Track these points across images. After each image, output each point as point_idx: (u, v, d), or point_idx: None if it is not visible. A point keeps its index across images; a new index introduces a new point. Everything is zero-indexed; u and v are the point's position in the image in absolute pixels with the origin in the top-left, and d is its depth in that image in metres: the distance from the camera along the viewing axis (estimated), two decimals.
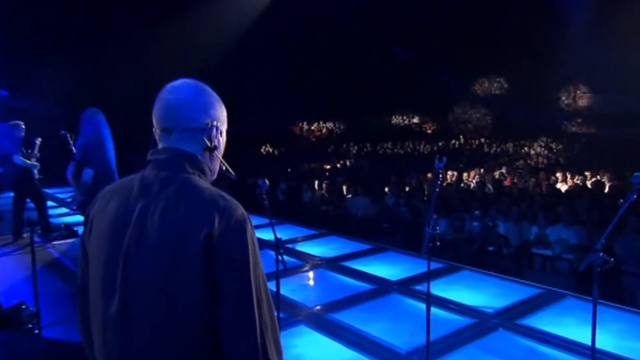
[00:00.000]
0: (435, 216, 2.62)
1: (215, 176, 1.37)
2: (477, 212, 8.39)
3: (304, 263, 6.28)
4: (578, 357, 3.80)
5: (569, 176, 11.26)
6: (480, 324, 4.46)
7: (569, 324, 4.42)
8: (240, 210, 1.24)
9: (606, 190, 9.85)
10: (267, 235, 3.64)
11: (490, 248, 7.44)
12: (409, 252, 6.72)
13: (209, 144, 1.32)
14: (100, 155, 4.35)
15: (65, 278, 5.60)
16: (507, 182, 11.40)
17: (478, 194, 9.63)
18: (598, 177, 11.19)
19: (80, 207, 4.56)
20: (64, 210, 9.47)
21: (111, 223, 1.26)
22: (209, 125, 1.32)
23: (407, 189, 10.62)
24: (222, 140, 1.38)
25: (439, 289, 5.31)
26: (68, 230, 6.79)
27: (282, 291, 5.28)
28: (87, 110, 4.47)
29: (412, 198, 9.65)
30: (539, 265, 7.46)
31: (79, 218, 4.98)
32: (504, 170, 12.76)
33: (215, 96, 1.36)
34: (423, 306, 4.85)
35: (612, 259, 2.55)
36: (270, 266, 5.90)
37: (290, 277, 5.58)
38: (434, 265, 6.10)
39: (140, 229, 1.21)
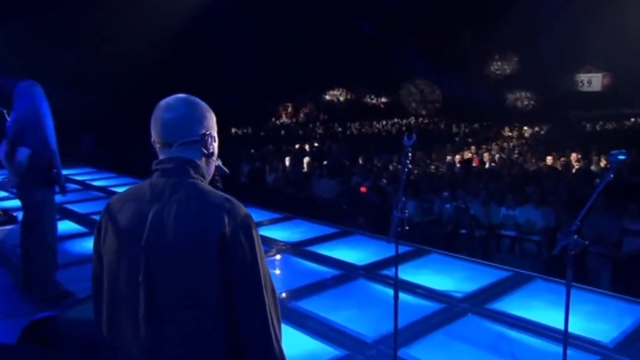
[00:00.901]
0: (403, 198, 2.48)
1: (211, 176, 1.57)
2: (445, 193, 8.39)
3: (267, 248, 6.10)
4: (549, 341, 3.79)
5: (533, 159, 11.41)
6: (449, 309, 4.41)
7: (539, 307, 4.42)
8: (243, 209, 1.44)
9: (573, 171, 10.05)
10: None
11: (463, 231, 7.42)
12: (376, 236, 6.64)
13: (206, 152, 1.52)
14: (38, 133, 4.01)
15: (4, 265, 5.31)
16: (475, 163, 11.49)
17: (447, 175, 9.65)
18: (564, 158, 11.42)
19: (17, 188, 4.22)
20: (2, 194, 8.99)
21: (127, 226, 1.43)
22: (205, 135, 1.52)
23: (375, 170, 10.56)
24: (215, 144, 1.57)
25: (406, 273, 5.23)
26: (6, 216, 6.41)
27: None
28: (22, 82, 4.10)
29: (379, 179, 9.58)
30: (507, 247, 7.54)
31: (18, 202, 4.65)
32: (473, 151, 12.87)
33: (205, 107, 1.55)
34: (391, 292, 4.77)
35: (587, 242, 2.48)
36: None
37: None
38: (402, 249, 5.98)
39: (157, 230, 1.39)
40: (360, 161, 11.24)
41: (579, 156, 11.39)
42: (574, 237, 2.33)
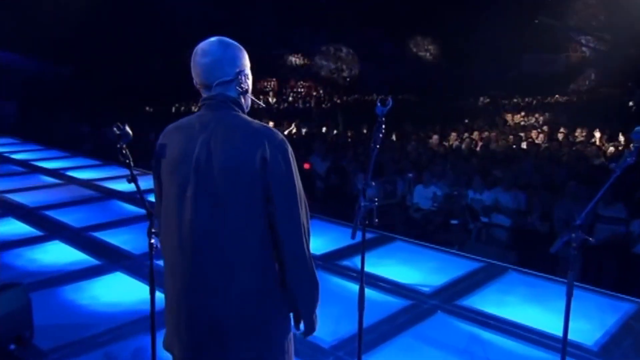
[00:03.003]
0: (373, 183, 2.09)
1: (248, 109, 1.80)
2: (410, 174, 8.12)
3: None
4: (525, 343, 3.55)
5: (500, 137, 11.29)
6: (417, 305, 4.11)
7: (513, 303, 4.19)
8: (280, 135, 1.69)
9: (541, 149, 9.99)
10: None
11: (454, 221, 6.88)
12: (335, 221, 6.29)
13: (240, 89, 1.76)
14: None
15: None
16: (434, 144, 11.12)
17: (412, 155, 9.39)
18: (532, 137, 11.39)
19: None
20: None
21: (179, 152, 1.69)
22: (238, 74, 1.74)
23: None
24: (249, 80, 1.79)
25: (369, 263, 4.83)
26: None
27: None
28: None
29: (340, 159, 9.21)
30: (474, 234, 7.36)
31: None
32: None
33: (238, 47, 1.76)
34: (352, 286, 4.47)
35: (592, 239, 2.18)
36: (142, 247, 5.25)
37: None
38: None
39: (207, 153, 1.65)
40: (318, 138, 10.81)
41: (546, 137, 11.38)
42: (578, 233, 2.01)
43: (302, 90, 25.41)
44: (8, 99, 14.60)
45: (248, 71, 1.80)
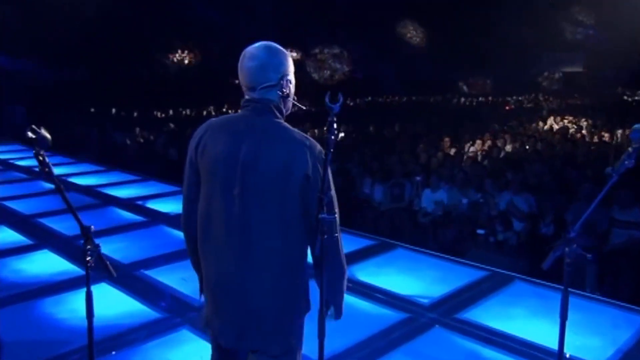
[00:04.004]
0: (332, 191, 1.85)
1: (288, 112, 1.94)
2: (418, 178, 7.84)
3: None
4: None
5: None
6: (413, 319, 3.85)
7: (519, 316, 3.90)
8: (318, 146, 1.85)
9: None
10: None
11: (480, 231, 6.35)
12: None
13: (281, 94, 1.88)
14: None
15: None
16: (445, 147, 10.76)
17: (422, 158, 9.10)
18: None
19: None
20: None
21: (223, 150, 1.82)
22: (281, 79, 1.87)
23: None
24: (292, 84, 1.92)
25: (366, 272, 4.68)
26: None
27: (168, 281, 4.51)
28: None
29: (346, 162, 8.98)
30: (482, 240, 7.05)
31: None
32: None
33: (283, 53, 1.89)
34: (347, 297, 4.23)
35: (589, 255, 1.92)
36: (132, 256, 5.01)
37: (183, 261, 4.73)
38: (363, 243, 5.49)
39: (252, 156, 1.79)
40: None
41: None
42: (572, 247, 1.75)
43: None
44: (17, 104, 14.65)
45: (291, 77, 1.92)
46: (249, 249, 1.83)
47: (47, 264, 4.85)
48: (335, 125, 1.67)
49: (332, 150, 1.66)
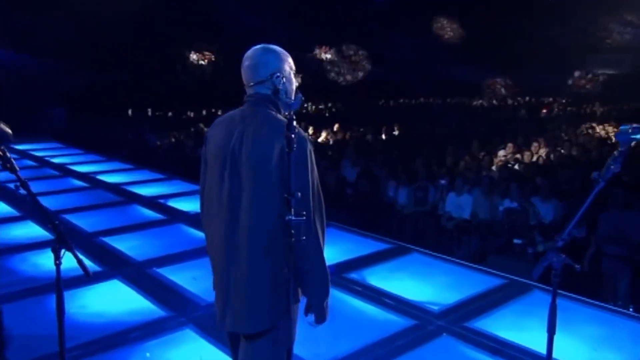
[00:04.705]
0: (300, 193, 1.79)
1: (295, 105, 1.91)
2: (442, 181, 7.65)
3: None
4: None
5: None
6: (421, 326, 3.72)
7: (533, 327, 3.71)
8: (302, 132, 1.91)
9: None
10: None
11: (517, 241, 5.93)
12: (352, 229, 5.96)
13: (272, 88, 2.01)
14: None
15: None
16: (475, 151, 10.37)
17: (449, 161, 8.88)
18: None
19: None
20: None
21: (221, 140, 2.00)
22: (271, 76, 2.01)
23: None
24: (287, 81, 2.04)
25: (378, 277, 4.58)
26: None
27: (178, 280, 4.51)
28: None
29: (371, 164, 8.85)
30: (519, 250, 6.80)
31: None
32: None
33: (275, 53, 2.05)
34: (354, 301, 4.15)
35: (579, 266, 1.78)
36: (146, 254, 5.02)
37: (196, 260, 4.75)
38: (379, 246, 5.39)
39: (239, 144, 1.95)
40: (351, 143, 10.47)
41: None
42: (560, 257, 1.62)
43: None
44: (56, 106, 15.14)
45: (286, 74, 2.04)
46: (234, 229, 1.94)
47: (64, 259, 4.92)
48: (294, 123, 1.61)
49: (294, 148, 1.60)
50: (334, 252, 5.14)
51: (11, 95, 15.23)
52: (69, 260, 4.84)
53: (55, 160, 9.89)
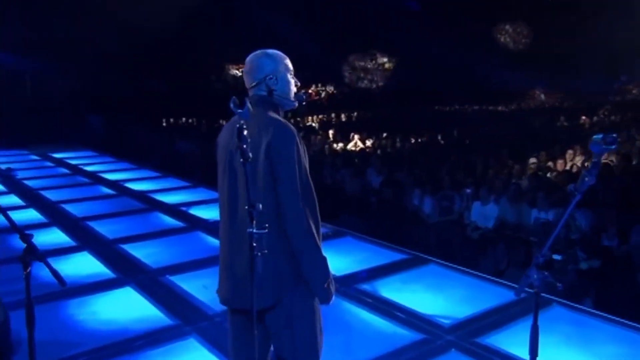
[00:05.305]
0: (260, 206, 1.75)
1: (293, 104, 2.24)
2: (468, 190, 7.46)
3: None
4: None
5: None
6: (429, 341, 3.60)
7: (550, 344, 3.52)
8: (289, 127, 2.07)
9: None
10: None
11: (557, 257, 5.41)
12: (368, 239, 5.86)
13: (266, 90, 2.17)
14: None
15: None
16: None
17: (478, 170, 8.65)
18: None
19: None
20: None
21: (224, 140, 2.19)
22: (265, 78, 2.16)
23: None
24: (285, 82, 2.19)
25: (391, 288, 4.47)
26: None
27: (189, 288, 4.52)
28: None
29: (396, 172, 8.72)
30: (559, 267, 6.53)
31: None
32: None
33: (269, 57, 2.20)
34: (364, 313, 4.05)
35: (560, 285, 1.65)
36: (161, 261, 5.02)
37: (209, 268, 4.73)
38: (395, 257, 5.27)
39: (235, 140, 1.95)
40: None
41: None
42: (542, 274, 1.51)
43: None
44: (96, 114, 15.59)
45: (281, 75, 2.17)
46: (234, 221, 2.08)
47: (83, 265, 5.02)
48: (245, 132, 1.58)
49: (249, 159, 1.58)
50: (348, 262, 5.06)
51: (55, 104, 15.83)
52: (82, 267, 4.96)
53: (88, 168, 10.17)
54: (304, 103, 2.31)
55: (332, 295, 2.09)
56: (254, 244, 1.75)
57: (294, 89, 2.22)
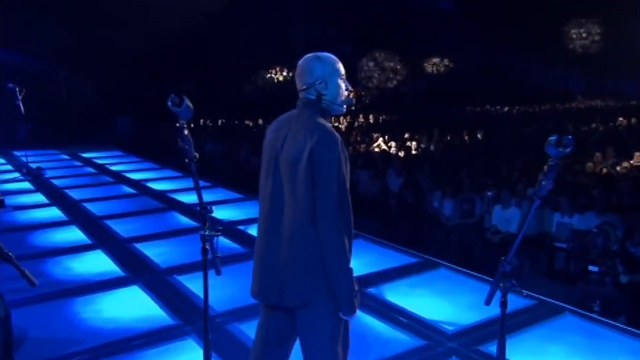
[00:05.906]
0: (213, 208, 1.72)
1: (342, 108, 2.24)
2: (489, 193, 7.28)
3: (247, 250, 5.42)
4: None
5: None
6: (430, 347, 3.50)
7: (557, 354, 3.41)
8: (334, 133, 2.07)
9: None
10: None
11: (593, 268, 5.08)
12: (380, 241, 5.77)
13: (315, 94, 2.19)
14: None
15: None
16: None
17: (503, 172, 8.43)
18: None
19: None
20: None
21: (272, 137, 2.21)
22: (314, 82, 2.18)
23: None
24: (336, 86, 2.20)
25: (397, 292, 4.38)
26: None
27: (195, 288, 4.52)
28: None
29: (416, 174, 8.58)
30: (562, 264, 6.34)
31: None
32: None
33: (320, 60, 2.20)
34: (369, 319, 3.97)
35: (524, 292, 1.56)
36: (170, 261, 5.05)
37: (231, 264, 4.72)
38: (405, 260, 5.17)
39: (282, 144, 2.14)
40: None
41: None
42: (509, 283, 1.43)
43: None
44: (125, 115, 15.93)
45: (331, 80, 2.18)
46: (278, 220, 2.12)
47: (95, 264, 5.10)
48: (186, 132, 1.55)
49: (194, 161, 1.55)
50: (357, 264, 4.95)
51: (87, 105, 16.26)
52: (94, 266, 5.04)
53: (114, 168, 10.38)
54: (352, 108, 2.35)
55: (355, 308, 2.09)
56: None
57: (344, 94, 2.22)
